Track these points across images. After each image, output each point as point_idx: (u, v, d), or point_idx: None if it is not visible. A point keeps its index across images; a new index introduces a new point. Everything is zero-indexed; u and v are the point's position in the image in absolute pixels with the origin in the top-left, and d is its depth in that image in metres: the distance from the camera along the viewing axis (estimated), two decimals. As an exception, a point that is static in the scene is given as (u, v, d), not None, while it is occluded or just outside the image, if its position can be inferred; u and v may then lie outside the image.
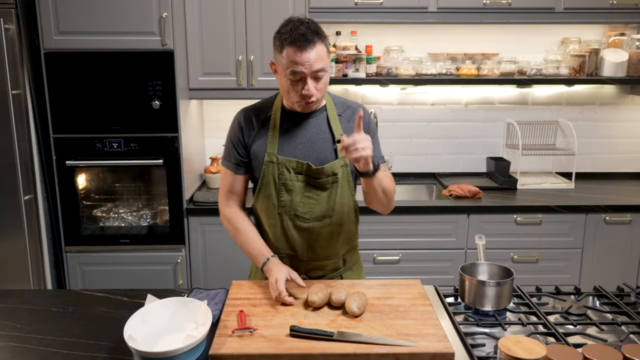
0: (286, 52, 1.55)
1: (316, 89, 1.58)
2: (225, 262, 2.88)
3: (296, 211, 1.69)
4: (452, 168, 3.46)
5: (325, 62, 1.58)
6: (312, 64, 1.54)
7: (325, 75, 1.59)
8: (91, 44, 2.63)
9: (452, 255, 2.93)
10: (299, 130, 1.69)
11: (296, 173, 1.67)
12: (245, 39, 2.85)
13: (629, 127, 3.43)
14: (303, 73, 1.55)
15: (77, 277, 2.86)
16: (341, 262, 1.82)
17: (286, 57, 1.55)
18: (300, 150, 1.68)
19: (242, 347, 1.33)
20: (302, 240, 1.72)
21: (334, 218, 1.71)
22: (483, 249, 1.69)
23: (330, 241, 1.74)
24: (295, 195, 1.68)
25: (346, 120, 1.73)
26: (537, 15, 2.96)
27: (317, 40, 1.55)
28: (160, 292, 1.65)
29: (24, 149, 2.68)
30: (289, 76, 1.57)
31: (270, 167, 1.68)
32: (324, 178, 1.67)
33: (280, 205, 1.70)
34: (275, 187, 1.69)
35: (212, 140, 3.37)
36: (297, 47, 1.53)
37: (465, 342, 1.40)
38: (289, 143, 1.68)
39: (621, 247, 2.93)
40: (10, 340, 1.45)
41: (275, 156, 1.67)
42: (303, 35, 1.53)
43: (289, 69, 1.55)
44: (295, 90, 1.59)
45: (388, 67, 3.10)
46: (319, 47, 1.55)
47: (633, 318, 1.54)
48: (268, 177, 1.69)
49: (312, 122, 1.70)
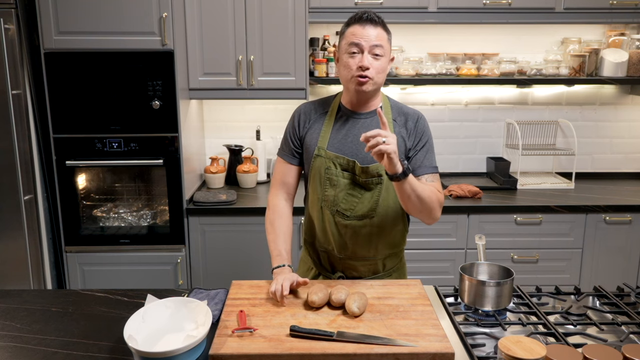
0: (349, 29, 1.64)
1: (372, 67, 1.61)
2: (225, 262, 2.88)
3: (338, 207, 1.71)
4: (452, 168, 3.46)
5: (384, 44, 1.63)
6: (372, 39, 1.60)
7: (382, 59, 1.63)
8: (91, 44, 2.63)
9: (452, 255, 2.93)
10: (352, 129, 1.71)
11: (342, 169, 1.69)
12: (245, 39, 2.85)
13: (629, 127, 3.43)
14: (361, 45, 1.60)
15: (77, 277, 2.86)
16: (380, 266, 1.80)
17: (348, 34, 1.64)
18: (349, 147, 1.69)
19: (242, 347, 1.33)
20: (339, 237, 1.73)
21: (375, 219, 1.71)
22: (483, 249, 1.69)
23: (369, 242, 1.73)
24: (339, 192, 1.70)
25: (400, 125, 1.72)
26: (537, 15, 2.96)
27: (381, 25, 1.63)
28: (160, 292, 1.66)
29: (24, 149, 2.68)
30: (348, 50, 1.62)
31: (318, 161, 1.71)
32: (369, 178, 1.68)
33: (323, 200, 1.72)
34: (320, 180, 1.71)
35: (212, 140, 3.37)
36: (360, 23, 1.62)
37: (465, 342, 1.40)
38: (340, 139, 1.71)
39: (621, 247, 2.94)
40: (10, 340, 1.45)
41: (324, 150, 1.70)
42: (368, 15, 1.63)
43: (350, 41, 1.62)
44: (352, 64, 1.62)
45: (388, 67, 3.10)
46: (381, 30, 1.63)
47: (633, 318, 1.54)
48: (315, 170, 1.72)
49: (366, 122, 1.72)
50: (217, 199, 2.85)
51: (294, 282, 1.59)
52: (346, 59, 1.63)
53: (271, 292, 1.56)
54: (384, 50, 1.63)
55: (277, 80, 2.91)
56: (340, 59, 1.67)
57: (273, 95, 2.92)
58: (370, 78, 1.62)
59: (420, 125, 1.73)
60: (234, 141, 3.36)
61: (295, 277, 1.60)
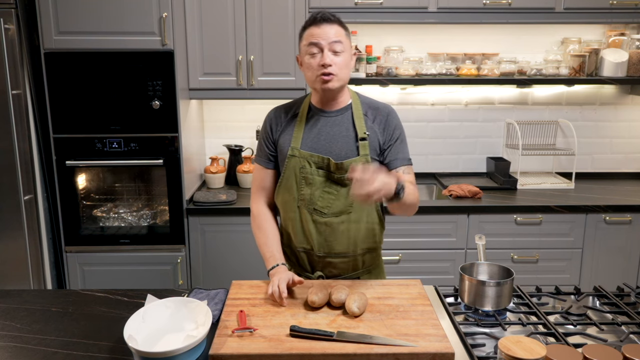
0: (307, 32, 1.66)
1: (334, 63, 1.63)
2: (225, 262, 2.88)
3: (315, 205, 1.72)
4: (452, 168, 3.46)
5: (343, 40, 1.65)
6: (330, 37, 1.63)
7: (344, 54, 1.65)
8: (91, 44, 2.63)
9: (452, 255, 2.93)
10: (324, 127, 1.73)
11: (317, 167, 1.71)
12: (245, 39, 2.85)
13: (629, 127, 3.43)
14: (320, 44, 1.63)
15: (77, 277, 2.86)
16: (360, 263, 1.81)
17: (306, 36, 1.66)
18: (323, 145, 1.71)
19: (242, 347, 1.33)
20: (318, 235, 1.74)
21: (352, 215, 1.73)
22: (483, 249, 1.69)
23: (348, 239, 1.75)
24: (315, 190, 1.71)
25: (371, 119, 1.75)
26: (537, 15, 2.95)
27: (337, 23, 1.67)
28: (160, 292, 1.66)
29: (24, 149, 2.68)
30: (308, 50, 1.64)
31: (293, 161, 1.72)
32: (343, 174, 1.69)
33: (299, 199, 1.73)
34: (296, 180, 1.73)
35: (212, 140, 3.37)
36: (316, 23, 1.64)
37: (465, 342, 1.40)
38: (313, 138, 1.72)
39: (621, 247, 2.93)
40: (10, 340, 1.45)
41: (298, 150, 1.72)
42: (323, 14, 1.65)
43: (308, 42, 1.64)
44: (314, 64, 1.64)
45: (388, 67, 3.10)
46: (336, 26, 1.66)
47: (633, 318, 1.54)
48: (290, 170, 1.73)
49: (337, 119, 1.74)
50: (217, 199, 2.85)
51: (290, 280, 1.60)
52: (308, 60, 1.66)
53: (269, 294, 1.58)
54: (344, 46, 1.65)
55: (277, 80, 2.91)
56: (303, 62, 1.70)
57: (273, 95, 2.92)
58: (334, 74, 1.64)
59: (391, 119, 1.76)
60: (234, 141, 3.36)
61: (291, 276, 1.62)
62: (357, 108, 1.75)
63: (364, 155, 1.70)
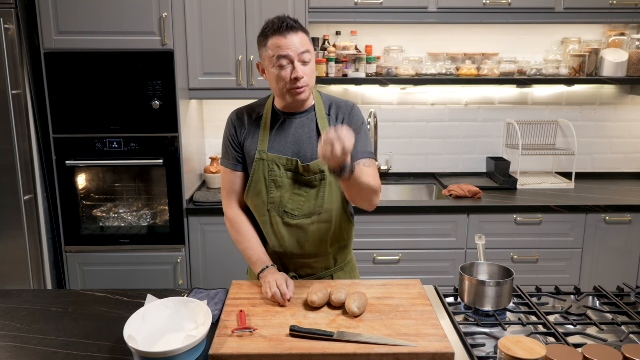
0: (271, 41, 1.61)
1: (305, 74, 1.62)
2: (225, 262, 2.88)
3: (285, 208, 1.72)
4: (452, 168, 3.46)
5: (309, 46, 1.63)
6: (298, 47, 1.59)
7: (312, 61, 1.64)
8: (91, 44, 2.63)
9: (452, 255, 2.93)
10: (289, 129, 1.73)
11: (286, 170, 1.70)
12: (245, 39, 2.85)
13: (629, 127, 3.43)
14: (290, 56, 1.59)
15: (77, 277, 2.86)
16: (332, 262, 1.82)
17: (272, 47, 1.61)
18: (290, 148, 1.71)
19: (242, 347, 1.33)
20: (290, 237, 1.74)
21: (323, 216, 1.73)
22: (483, 249, 1.69)
23: (319, 239, 1.75)
24: (285, 192, 1.71)
25: (334, 118, 1.75)
26: (537, 15, 2.95)
27: (299, 27, 1.63)
28: (160, 292, 1.66)
29: (24, 149, 2.68)
30: (276, 64, 1.61)
31: (261, 164, 1.71)
32: (312, 175, 1.69)
33: (269, 202, 1.73)
34: (265, 183, 1.72)
35: (212, 140, 3.37)
36: (281, 33, 1.59)
37: (465, 342, 1.40)
38: (279, 141, 1.72)
39: (621, 247, 2.93)
40: (10, 340, 1.45)
41: (266, 153, 1.71)
42: (284, 22, 1.60)
43: (276, 55, 1.60)
44: (285, 77, 1.61)
45: (388, 67, 3.10)
46: (301, 34, 1.62)
47: (633, 318, 1.54)
48: (259, 174, 1.72)
49: (301, 121, 1.73)
50: (217, 198, 2.85)
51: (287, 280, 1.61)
52: (277, 72, 1.61)
53: (270, 297, 1.57)
54: (311, 53, 1.63)
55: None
56: (268, 71, 1.65)
57: (273, 95, 2.91)
58: (306, 85, 1.63)
59: (354, 114, 1.75)
60: (234, 141, 3.35)
61: (286, 277, 1.63)
62: (320, 109, 1.75)
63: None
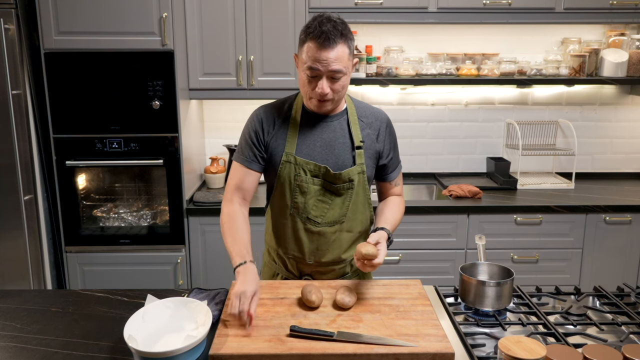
0: (307, 46, 1.54)
1: (331, 89, 1.57)
2: (226, 262, 2.87)
3: (308, 214, 1.68)
4: (452, 168, 3.46)
5: (344, 64, 1.55)
6: (330, 64, 1.52)
7: (343, 78, 1.57)
8: (91, 44, 2.63)
9: (452, 255, 2.93)
10: (319, 133, 1.67)
11: (312, 176, 1.66)
12: (245, 39, 2.85)
13: (629, 127, 3.43)
14: (319, 71, 1.54)
15: (77, 277, 2.86)
16: (348, 268, 1.80)
17: (306, 52, 1.55)
18: (319, 153, 1.66)
19: (242, 347, 1.33)
20: (310, 244, 1.71)
21: (345, 224, 1.70)
22: (483, 249, 1.69)
23: (339, 247, 1.72)
24: (310, 198, 1.67)
25: (367, 126, 1.71)
26: (537, 15, 2.95)
27: (340, 41, 1.53)
28: (160, 292, 1.65)
29: (24, 149, 2.68)
30: (306, 71, 1.56)
31: (287, 167, 1.66)
32: (340, 184, 1.66)
33: (292, 207, 1.68)
34: (290, 187, 1.67)
35: (212, 140, 3.37)
36: (318, 44, 1.52)
37: (465, 342, 1.40)
38: (308, 145, 1.66)
39: (621, 247, 2.93)
40: (10, 340, 1.45)
41: (293, 157, 1.65)
42: (326, 33, 1.51)
43: (307, 64, 1.55)
44: (311, 87, 1.58)
45: (388, 67, 3.10)
46: (341, 48, 1.53)
47: (633, 318, 1.54)
48: (284, 177, 1.67)
49: (332, 125, 1.68)
50: (217, 199, 2.85)
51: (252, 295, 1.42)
52: (305, 77, 1.58)
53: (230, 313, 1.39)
54: (344, 67, 1.55)
55: (277, 80, 2.91)
56: (300, 69, 1.61)
57: (273, 96, 2.90)
58: (329, 100, 1.60)
59: (390, 128, 1.76)
60: (234, 141, 3.35)
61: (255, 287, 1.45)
62: (353, 113, 1.71)
63: (359, 164, 1.67)
